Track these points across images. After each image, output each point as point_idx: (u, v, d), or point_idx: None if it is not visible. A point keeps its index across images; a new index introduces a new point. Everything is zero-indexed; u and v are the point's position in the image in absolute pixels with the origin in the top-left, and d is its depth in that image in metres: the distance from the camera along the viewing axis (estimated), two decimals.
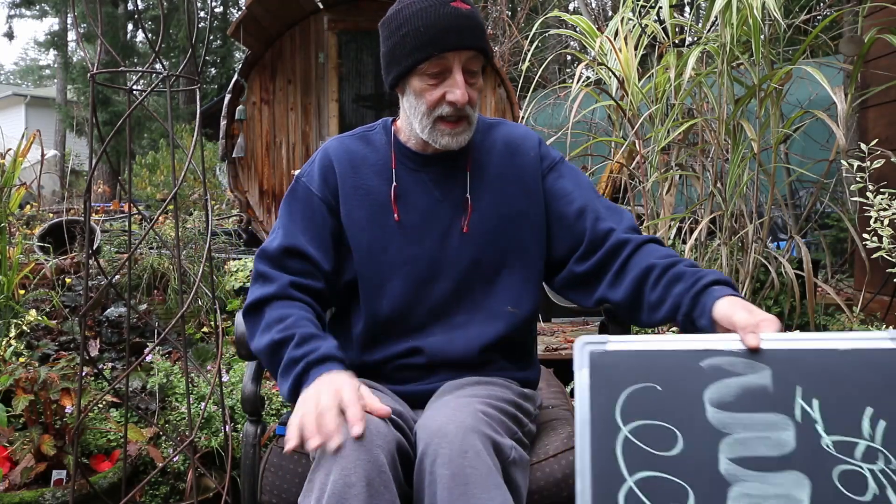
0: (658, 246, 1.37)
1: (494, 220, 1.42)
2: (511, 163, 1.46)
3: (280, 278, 1.35)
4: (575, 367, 1.08)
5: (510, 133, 1.50)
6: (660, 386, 1.06)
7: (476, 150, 1.46)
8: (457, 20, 1.31)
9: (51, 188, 8.78)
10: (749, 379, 1.04)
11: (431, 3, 1.32)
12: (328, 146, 1.48)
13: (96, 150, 7.99)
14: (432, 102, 1.34)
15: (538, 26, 2.97)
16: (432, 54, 1.31)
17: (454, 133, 1.36)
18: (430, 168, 1.44)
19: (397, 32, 1.35)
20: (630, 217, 1.43)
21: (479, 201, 1.43)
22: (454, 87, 1.33)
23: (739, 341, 1.06)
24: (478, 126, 1.45)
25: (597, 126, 4.51)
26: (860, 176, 1.86)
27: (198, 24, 2.52)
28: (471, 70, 1.35)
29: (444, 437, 1.14)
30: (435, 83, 1.34)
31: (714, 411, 1.03)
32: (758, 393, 1.03)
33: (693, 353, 1.07)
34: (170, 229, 4.11)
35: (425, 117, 1.36)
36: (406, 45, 1.33)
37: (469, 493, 1.09)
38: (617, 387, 1.06)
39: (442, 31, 1.30)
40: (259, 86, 5.97)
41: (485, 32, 1.37)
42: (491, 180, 1.44)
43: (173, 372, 2.49)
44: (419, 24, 1.31)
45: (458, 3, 1.33)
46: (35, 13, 18.76)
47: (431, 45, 1.30)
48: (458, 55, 1.32)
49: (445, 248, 1.41)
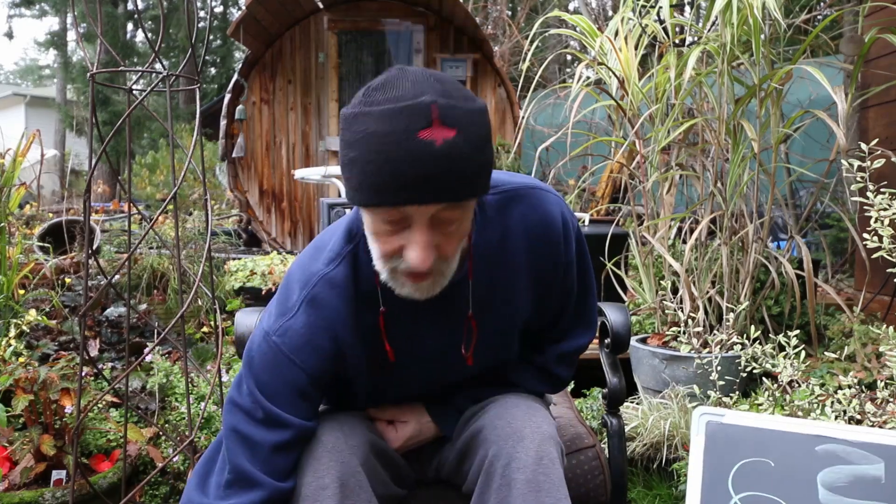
0: (524, 371, 1.32)
1: (499, 338, 1.23)
2: (527, 258, 1.18)
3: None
4: (692, 432, 1.18)
5: (529, 215, 1.16)
6: (773, 462, 1.13)
7: (481, 250, 1.14)
8: (422, 165, 0.91)
9: (51, 188, 8.78)
10: (863, 468, 1.10)
11: (393, 129, 0.91)
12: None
13: (96, 149, 8.00)
14: (388, 253, 1.01)
15: (538, 26, 2.96)
16: (383, 204, 0.95)
17: (418, 287, 1.04)
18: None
19: (347, 151, 0.97)
20: (580, 342, 1.32)
21: (483, 319, 1.18)
22: (413, 246, 0.97)
23: (856, 431, 1.12)
24: (486, 213, 1.14)
25: (597, 126, 4.51)
26: (860, 176, 1.86)
27: (198, 24, 2.52)
28: (446, 220, 0.98)
29: (520, 440, 1.14)
30: (392, 231, 0.99)
31: (826, 493, 1.10)
32: (870, 483, 1.09)
33: (809, 437, 1.14)
34: (170, 229, 4.11)
35: (382, 263, 1.04)
36: (353, 177, 0.96)
37: (541, 500, 1.09)
38: (731, 457, 1.14)
39: (398, 180, 0.92)
40: (259, 86, 5.97)
41: (476, 173, 0.97)
42: (498, 287, 1.18)
43: (173, 372, 2.48)
44: (370, 160, 0.93)
45: (434, 130, 0.91)
46: (35, 13, 18.73)
47: (380, 194, 0.94)
48: (422, 208, 0.95)
49: (446, 375, 1.27)
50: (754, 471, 1.12)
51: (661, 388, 2.39)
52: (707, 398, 2.13)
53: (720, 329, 2.37)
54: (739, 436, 1.15)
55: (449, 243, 1.01)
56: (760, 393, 2.05)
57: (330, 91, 6.05)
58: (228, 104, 5.82)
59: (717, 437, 1.16)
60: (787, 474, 1.11)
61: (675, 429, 2.16)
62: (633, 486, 2.27)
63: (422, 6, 5.95)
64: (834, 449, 1.12)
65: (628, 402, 2.43)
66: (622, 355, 1.64)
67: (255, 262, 3.45)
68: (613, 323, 1.49)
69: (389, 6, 5.95)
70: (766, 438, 1.14)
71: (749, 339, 2.04)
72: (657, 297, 2.75)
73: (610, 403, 1.49)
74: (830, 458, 1.11)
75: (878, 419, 1.73)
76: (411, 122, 0.91)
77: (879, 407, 1.80)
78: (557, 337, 1.33)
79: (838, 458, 1.11)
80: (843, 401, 1.81)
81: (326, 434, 1.16)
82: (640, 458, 2.24)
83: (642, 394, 2.51)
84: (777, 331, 2.44)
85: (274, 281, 3.29)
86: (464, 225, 1.02)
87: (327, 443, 1.14)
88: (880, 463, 1.09)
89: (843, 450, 1.11)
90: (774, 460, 1.12)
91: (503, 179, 1.18)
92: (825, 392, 1.92)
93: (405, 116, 0.91)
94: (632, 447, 2.21)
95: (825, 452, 1.12)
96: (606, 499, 1.34)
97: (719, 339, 2.27)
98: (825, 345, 2.51)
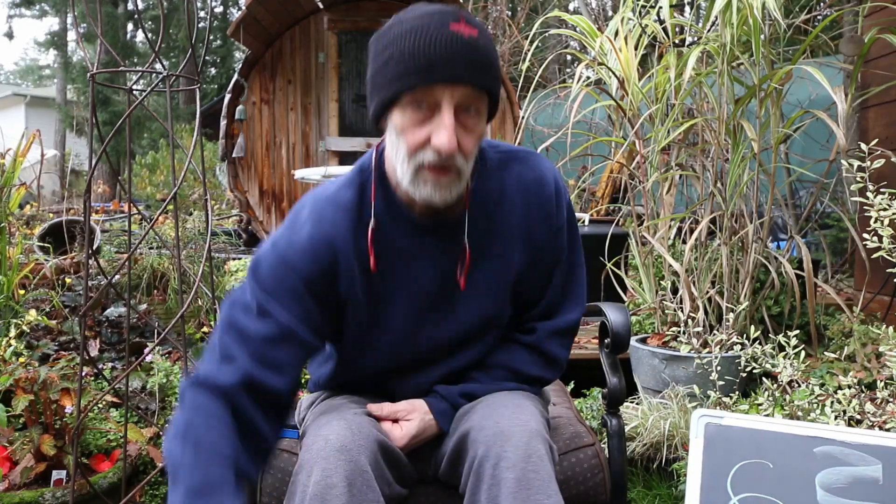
0: (517, 353, 1.33)
1: (491, 290, 1.27)
2: (522, 209, 1.26)
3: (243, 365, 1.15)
4: (691, 435, 1.19)
5: (525, 174, 1.27)
6: (772, 464, 1.14)
7: (481, 193, 1.24)
8: (453, 48, 1.05)
9: (51, 188, 8.78)
10: (861, 470, 1.11)
11: (426, 23, 1.07)
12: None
13: (96, 149, 8.00)
14: (414, 145, 1.10)
15: (538, 26, 2.96)
16: (415, 85, 1.06)
17: (438, 184, 1.11)
18: (425, 222, 1.22)
19: (382, 54, 1.10)
20: (568, 318, 1.34)
21: (477, 264, 1.25)
22: (440, 129, 1.07)
23: (854, 433, 1.13)
24: (486, 165, 1.25)
25: (597, 126, 4.51)
26: (860, 176, 1.86)
27: (198, 24, 2.52)
28: (468, 109, 1.10)
29: (507, 439, 1.14)
30: (420, 121, 1.09)
31: (824, 494, 1.11)
32: (868, 484, 1.10)
33: (808, 438, 1.15)
34: (170, 229, 4.10)
35: (405, 162, 1.12)
36: (388, 71, 1.09)
37: (531, 498, 1.09)
38: (730, 459, 1.15)
39: (431, 59, 1.05)
40: (259, 86, 5.97)
41: (493, 67, 1.11)
42: (495, 230, 1.26)
43: (173, 372, 2.48)
44: (405, 47, 1.06)
45: (462, 25, 1.07)
46: (35, 13, 18.73)
47: (416, 74, 1.06)
48: (449, 90, 1.07)
49: (438, 314, 1.28)
50: (753, 472, 1.13)
51: (660, 388, 2.39)
52: (707, 398, 2.13)
53: (720, 329, 2.37)
54: (738, 438, 1.16)
55: (468, 140, 1.11)
56: (760, 393, 2.05)
57: (330, 91, 6.05)
58: (228, 104, 5.82)
59: (715, 439, 1.17)
60: (785, 476, 1.12)
61: (675, 429, 2.16)
62: (633, 486, 2.28)
63: None
64: (832, 450, 1.13)
65: (628, 402, 2.43)
66: (622, 355, 1.63)
67: None
68: (613, 323, 1.49)
69: (389, 6, 5.95)
70: (765, 440, 1.15)
71: (749, 339, 2.04)
72: (657, 297, 2.75)
73: (610, 403, 1.49)
74: (828, 459, 1.12)
75: (878, 419, 1.73)
76: (443, 17, 1.07)
77: (879, 407, 1.80)
78: (547, 313, 1.34)
79: (836, 460, 1.12)
80: (842, 401, 1.82)
81: (335, 433, 1.15)
82: (640, 458, 2.24)
83: (642, 394, 2.51)
84: (777, 331, 2.44)
85: None
86: (479, 127, 1.13)
87: (336, 442, 1.14)
88: (878, 464, 1.10)
89: (841, 451, 1.12)
90: (773, 462, 1.13)
91: (506, 145, 1.31)
92: (825, 392, 1.92)
93: (437, 14, 1.08)
94: (632, 447, 2.21)
95: (823, 454, 1.12)
96: (606, 498, 1.34)
97: (719, 339, 2.27)
98: (825, 345, 2.51)
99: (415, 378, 1.33)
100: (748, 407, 2.07)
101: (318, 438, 1.16)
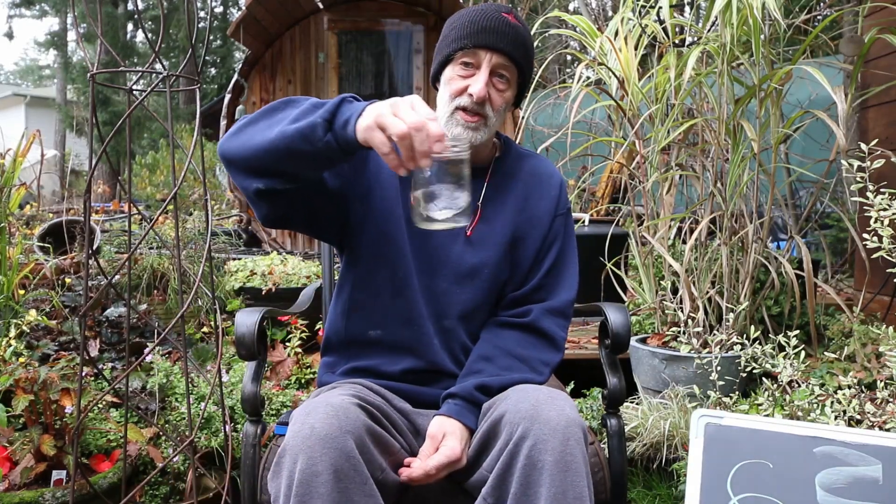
0: (515, 337, 1.44)
1: (494, 250, 1.46)
2: (530, 192, 1.51)
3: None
4: (691, 435, 1.20)
5: (538, 166, 1.55)
6: (771, 464, 1.14)
7: (500, 169, 1.51)
8: (499, 26, 1.38)
9: (51, 188, 8.77)
10: (861, 470, 1.12)
11: (484, 8, 1.41)
12: None
13: (96, 150, 8.01)
14: (455, 91, 1.40)
15: (538, 26, 2.96)
16: (465, 46, 1.38)
17: (468, 125, 1.39)
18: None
19: (448, 27, 1.45)
20: (562, 297, 1.49)
21: (488, 212, 1.47)
22: (477, 81, 1.38)
23: (853, 433, 1.14)
24: (510, 152, 1.53)
25: (597, 126, 4.50)
26: (860, 176, 1.86)
27: (198, 24, 2.52)
28: (501, 75, 1.40)
29: (546, 423, 1.18)
30: (463, 75, 1.40)
31: (824, 494, 1.11)
32: (868, 484, 1.10)
33: (807, 439, 1.15)
34: (170, 229, 4.10)
35: (447, 104, 1.41)
36: (449, 37, 1.43)
37: (568, 480, 1.15)
38: (730, 459, 1.16)
39: (480, 28, 1.38)
40: (259, 86, 5.97)
41: (527, 50, 1.42)
42: (505, 200, 1.49)
43: (173, 372, 2.48)
44: (465, 21, 1.40)
45: (510, 17, 1.40)
46: (35, 13, 18.74)
47: (467, 37, 1.39)
48: (489, 54, 1.38)
49: (443, 254, 1.45)
50: (753, 472, 1.13)
51: (660, 388, 2.39)
52: (707, 398, 2.13)
53: (720, 329, 2.37)
54: (738, 438, 1.17)
55: (497, 96, 1.40)
56: (760, 393, 2.05)
57: (330, 91, 6.05)
58: (228, 104, 5.82)
59: (715, 439, 1.17)
60: (785, 476, 1.13)
61: (675, 429, 2.16)
62: (633, 486, 2.28)
63: (422, 6, 5.95)
64: (832, 451, 1.13)
65: (628, 403, 2.43)
66: (622, 355, 1.64)
67: (256, 262, 3.45)
68: (613, 323, 1.49)
69: (389, 6, 5.95)
70: (765, 440, 1.16)
71: (749, 339, 2.04)
72: (657, 297, 2.75)
73: (610, 403, 1.49)
74: (828, 459, 1.12)
75: (878, 419, 1.73)
76: (498, 8, 1.41)
77: (879, 407, 1.80)
78: (542, 296, 1.48)
79: (836, 460, 1.12)
80: (842, 401, 1.82)
81: (320, 422, 1.16)
82: (640, 458, 2.24)
83: (642, 394, 2.51)
84: (777, 331, 2.44)
85: (274, 281, 3.29)
86: (507, 92, 1.42)
87: (321, 430, 1.15)
88: (878, 464, 1.10)
89: (841, 451, 1.13)
90: (773, 462, 1.14)
91: (528, 149, 1.63)
92: (825, 392, 1.92)
93: (494, 6, 1.42)
94: (631, 447, 2.21)
95: (823, 454, 1.13)
96: (606, 497, 1.34)
97: (719, 339, 2.27)
98: (825, 345, 2.51)
99: (418, 323, 1.43)
100: (748, 407, 2.07)
101: (304, 426, 1.17)
